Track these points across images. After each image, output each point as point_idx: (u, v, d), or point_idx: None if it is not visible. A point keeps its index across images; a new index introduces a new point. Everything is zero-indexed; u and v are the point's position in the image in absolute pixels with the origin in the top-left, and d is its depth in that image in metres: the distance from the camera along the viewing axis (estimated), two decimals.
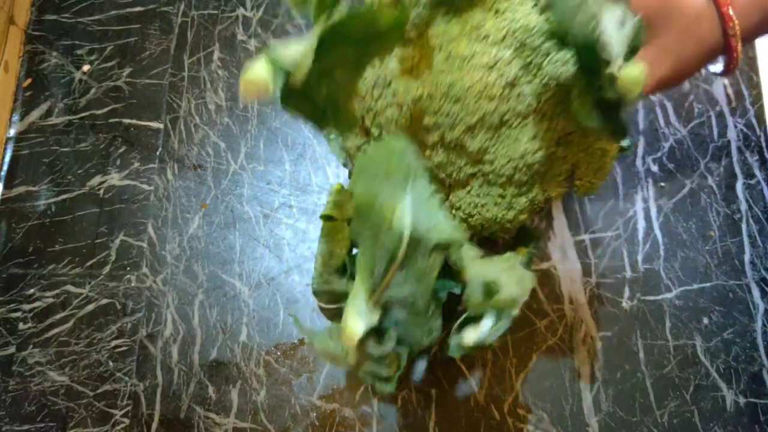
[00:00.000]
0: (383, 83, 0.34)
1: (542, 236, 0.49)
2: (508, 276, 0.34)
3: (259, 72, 0.28)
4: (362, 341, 0.33)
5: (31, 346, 0.51)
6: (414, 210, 0.32)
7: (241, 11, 0.60)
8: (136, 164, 0.56)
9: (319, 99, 0.32)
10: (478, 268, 0.34)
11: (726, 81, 0.54)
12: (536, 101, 0.33)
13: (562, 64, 0.31)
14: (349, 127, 0.35)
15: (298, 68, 0.28)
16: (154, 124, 0.57)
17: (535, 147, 0.34)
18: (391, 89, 0.34)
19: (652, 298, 0.49)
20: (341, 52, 0.30)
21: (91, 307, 0.52)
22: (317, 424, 0.47)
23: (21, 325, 0.52)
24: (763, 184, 0.52)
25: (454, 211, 0.36)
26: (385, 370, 0.35)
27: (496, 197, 0.35)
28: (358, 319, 0.32)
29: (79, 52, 0.60)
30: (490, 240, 0.41)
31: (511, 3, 0.32)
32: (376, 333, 0.34)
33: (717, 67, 0.40)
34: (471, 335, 0.34)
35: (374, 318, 0.33)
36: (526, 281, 0.35)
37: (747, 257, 0.50)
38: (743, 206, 0.51)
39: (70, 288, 0.52)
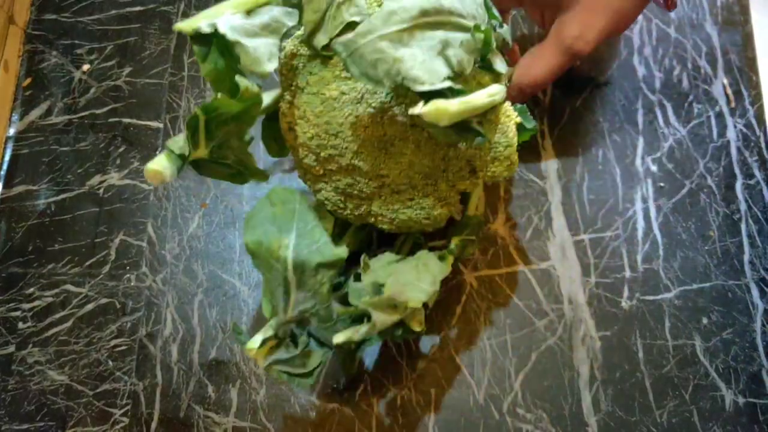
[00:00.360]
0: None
1: (482, 224, 0.48)
2: (400, 278, 0.39)
3: (158, 162, 0.35)
4: (271, 349, 0.41)
5: (30, 346, 0.51)
6: (297, 241, 0.40)
7: None
8: (136, 164, 0.56)
9: (230, 162, 0.40)
10: (378, 271, 0.41)
11: (725, 81, 0.55)
12: (409, 119, 0.37)
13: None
14: (263, 177, 0.43)
15: (193, 149, 0.37)
16: (154, 124, 0.57)
17: (421, 156, 0.38)
18: (293, 133, 0.41)
19: (651, 297, 0.49)
20: (225, 128, 0.38)
21: (90, 306, 0.52)
22: (317, 423, 0.48)
23: (20, 325, 0.52)
24: (763, 184, 0.52)
25: (379, 218, 0.41)
26: (299, 369, 0.41)
27: (406, 201, 0.40)
28: (257, 336, 0.40)
29: (78, 51, 0.60)
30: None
31: None
32: (291, 339, 0.42)
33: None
34: (341, 335, 0.39)
35: (269, 332, 0.40)
36: (425, 283, 0.40)
37: (746, 257, 0.50)
38: (743, 206, 0.51)
39: (69, 287, 0.52)
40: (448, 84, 0.33)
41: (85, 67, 0.59)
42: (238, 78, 0.35)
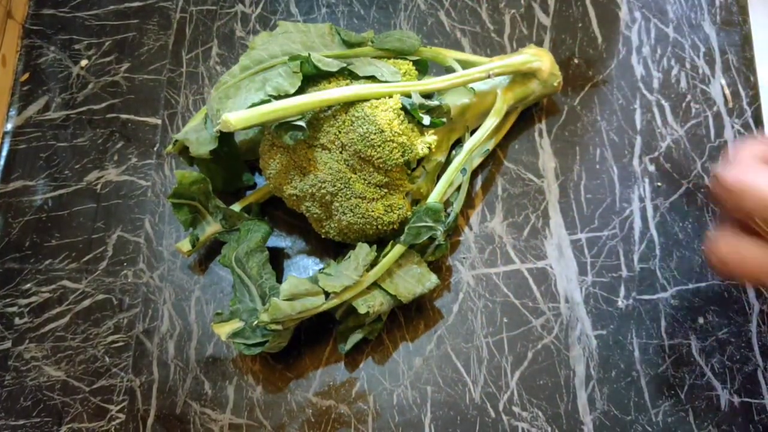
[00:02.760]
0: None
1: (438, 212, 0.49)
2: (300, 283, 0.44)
3: (182, 244, 0.50)
4: (237, 332, 0.46)
5: (27, 341, 0.51)
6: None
7: (239, 7, 0.60)
8: (134, 160, 0.56)
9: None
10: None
11: (723, 81, 0.55)
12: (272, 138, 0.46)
13: None
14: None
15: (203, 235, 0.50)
16: (152, 120, 0.57)
17: (326, 171, 0.44)
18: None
19: (647, 297, 0.49)
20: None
21: (87, 302, 0.52)
22: (313, 420, 0.48)
23: (17, 320, 0.52)
24: None
25: (341, 231, 0.47)
26: (250, 341, 0.46)
27: (358, 216, 0.45)
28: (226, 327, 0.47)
29: (77, 46, 0.60)
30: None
31: None
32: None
33: None
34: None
35: (237, 325, 0.46)
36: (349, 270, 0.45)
37: None
38: None
39: (66, 283, 0.52)
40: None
41: (83, 62, 0.59)
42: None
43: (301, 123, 0.42)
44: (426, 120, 0.44)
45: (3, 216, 0.55)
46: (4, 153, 0.57)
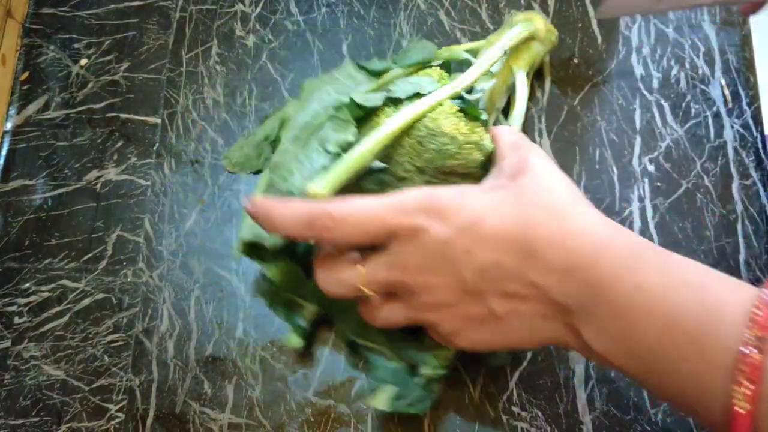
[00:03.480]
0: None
1: None
2: None
3: (292, 341, 0.48)
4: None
5: (26, 341, 0.51)
6: None
7: (239, 7, 0.60)
8: (133, 159, 0.56)
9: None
10: None
11: (723, 81, 0.55)
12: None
13: None
14: None
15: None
16: (152, 119, 0.57)
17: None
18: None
19: None
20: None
21: (87, 301, 0.52)
22: (312, 420, 0.48)
23: (16, 319, 0.52)
24: (759, 185, 0.52)
25: None
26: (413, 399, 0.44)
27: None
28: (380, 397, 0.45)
29: (76, 46, 0.60)
30: None
31: None
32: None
33: None
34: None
35: (392, 390, 0.45)
36: None
37: (742, 257, 0.50)
38: (739, 207, 0.51)
39: (66, 282, 0.52)
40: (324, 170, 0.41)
41: (83, 61, 0.59)
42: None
43: (380, 164, 0.41)
44: (484, 115, 0.43)
45: (2, 215, 0.55)
46: (4, 152, 0.57)
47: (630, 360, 0.32)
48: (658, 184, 0.52)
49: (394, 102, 0.43)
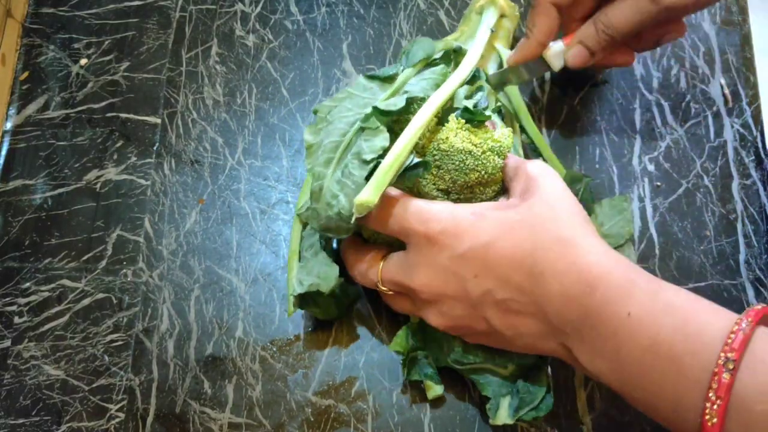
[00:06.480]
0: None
1: None
2: None
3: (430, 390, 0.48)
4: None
5: (26, 340, 0.51)
6: None
7: (239, 6, 0.60)
8: (133, 159, 0.56)
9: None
10: None
11: (723, 81, 0.55)
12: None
13: None
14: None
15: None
16: (152, 119, 0.57)
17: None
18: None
19: None
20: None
21: (87, 301, 0.52)
22: (312, 419, 0.48)
23: (16, 319, 0.52)
24: (759, 184, 0.52)
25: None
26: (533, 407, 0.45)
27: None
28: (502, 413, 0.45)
29: (76, 45, 0.60)
30: None
31: None
32: None
33: None
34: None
35: (510, 402, 0.45)
36: None
37: (742, 257, 0.50)
38: (739, 206, 0.51)
39: (66, 282, 0.52)
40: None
41: (83, 61, 0.59)
42: None
43: (416, 159, 0.41)
44: (494, 116, 0.44)
45: (2, 215, 0.55)
46: (4, 152, 0.57)
47: (617, 377, 0.35)
48: (658, 183, 0.52)
49: (416, 100, 0.44)
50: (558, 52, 0.48)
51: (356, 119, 0.43)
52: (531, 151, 0.52)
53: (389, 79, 0.46)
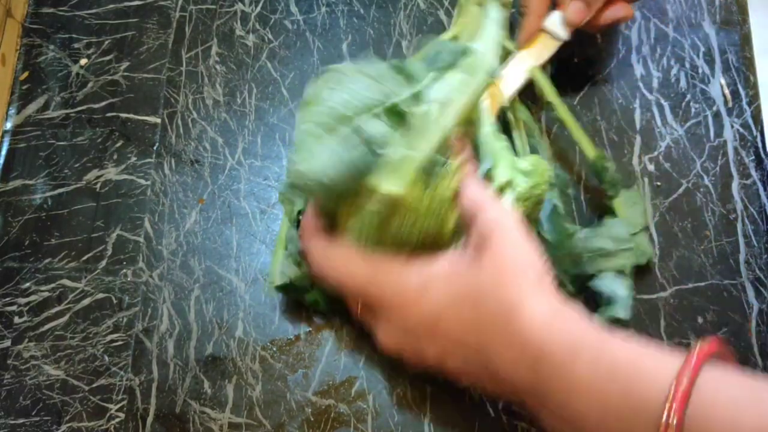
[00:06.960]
0: None
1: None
2: None
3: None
4: None
5: (26, 340, 0.51)
6: None
7: (239, 6, 0.60)
8: (133, 159, 0.56)
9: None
10: None
11: (723, 81, 0.55)
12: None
13: None
14: None
15: None
16: (152, 119, 0.57)
17: None
18: None
19: (646, 296, 0.49)
20: None
21: (86, 301, 0.52)
22: (312, 419, 0.48)
23: (16, 319, 0.52)
24: (759, 184, 0.52)
25: None
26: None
27: None
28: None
29: (76, 45, 0.60)
30: None
31: None
32: None
33: None
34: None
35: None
36: None
37: (742, 257, 0.50)
38: (739, 206, 0.51)
39: (66, 282, 0.52)
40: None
41: (83, 61, 0.59)
42: None
43: (441, 159, 0.41)
44: (524, 165, 0.44)
45: (2, 215, 0.55)
46: (4, 152, 0.57)
47: None
48: (658, 183, 0.52)
49: (438, 103, 0.43)
50: (558, 20, 0.50)
51: (367, 102, 0.42)
52: (558, 130, 0.53)
53: (410, 75, 0.44)
